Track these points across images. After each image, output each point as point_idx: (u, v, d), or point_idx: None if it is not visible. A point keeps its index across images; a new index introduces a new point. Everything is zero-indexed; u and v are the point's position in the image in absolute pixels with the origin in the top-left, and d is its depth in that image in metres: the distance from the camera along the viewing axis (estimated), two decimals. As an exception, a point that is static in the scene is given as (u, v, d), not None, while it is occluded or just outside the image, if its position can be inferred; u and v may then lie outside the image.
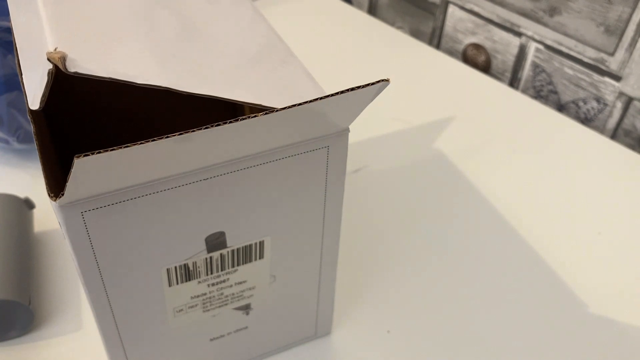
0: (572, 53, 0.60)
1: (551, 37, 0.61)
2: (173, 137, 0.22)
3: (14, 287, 0.37)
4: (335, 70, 0.66)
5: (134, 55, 0.25)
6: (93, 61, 0.23)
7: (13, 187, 0.50)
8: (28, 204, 0.43)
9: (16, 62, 0.32)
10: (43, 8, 0.26)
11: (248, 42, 0.30)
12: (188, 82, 0.24)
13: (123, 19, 0.28)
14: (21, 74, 0.25)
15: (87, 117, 0.42)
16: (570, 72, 0.61)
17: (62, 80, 0.39)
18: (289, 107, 0.24)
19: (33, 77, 0.23)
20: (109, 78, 0.22)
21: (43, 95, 0.22)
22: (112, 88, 0.40)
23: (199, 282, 0.30)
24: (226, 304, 0.32)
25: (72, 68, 0.22)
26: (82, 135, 0.42)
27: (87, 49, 0.24)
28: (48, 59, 0.22)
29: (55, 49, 0.22)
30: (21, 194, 0.49)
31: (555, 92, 0.64)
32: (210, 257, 0.30)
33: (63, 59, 0.21)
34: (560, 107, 0.64)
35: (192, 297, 0.31)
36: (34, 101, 0.22)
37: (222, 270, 0.30)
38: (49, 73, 0.22)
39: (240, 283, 0.32)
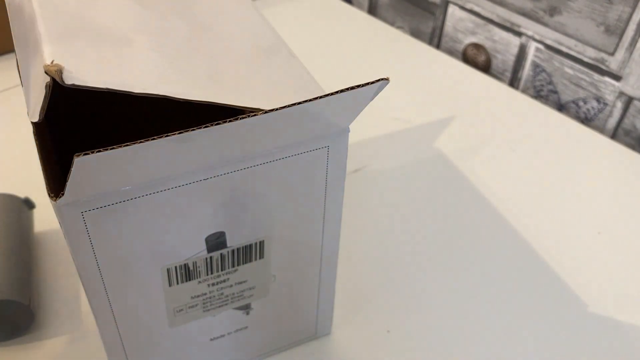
0: (572, 53, 0.60)
1: (551, 36, 0.61)
2: (173, 137, 0.22)
3: (14, 287, 0.37)
4: (335, 70, 0.66)
5: (133, 63, 0.25)
6: (90, 72, 0.23)
7: (13, 187, 0.50)
8: (28, 204, 0.43)
9: (17, 72, 0.32)
10: (41, 19, 0.26)
11: (249, 45, 0.30)
12: (186, 89, 0.24)
13: (123, 27, 0.28)
14: (22, 84, 0.25)
15: (87, 117, 0.42)
16: (570, 71, 0.61)
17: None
18: (288, 106, 0.24)
19: (32, 88, 0.23)
20: (106, 89, 0.22)
21: (42, 108, 0.22)
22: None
23: (199, 282, 0.30)
24: (226, 304, 0.32)
25: (68, 80, 0.22)
26: (82, 135, 0.42)
27: (84, 59, 0.24)
28: (45, 72, 0.22)
29: (52, 62, 0.22)
30: (21, 194, 0.49)
31: (555, 92, 0.64)
32: (210, 257, 0.30)
33: (59, 71, 0.22)
34: (560, 107, 0.64)
35: (192, 297, 0.31)
36: (34, 113, 0.22)
37: (222, 270, 0.30)
38: (46, 86, 0.22)
39: (240, 283, 0.32)
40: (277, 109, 0.24)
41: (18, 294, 0.37)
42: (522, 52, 0.65)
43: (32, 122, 0.24)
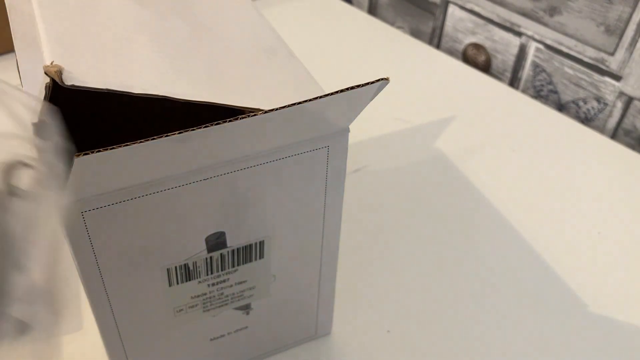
0: (572, 53, 0.60)
1: (551, 36, 0.61)
2: (173, 136, 0.22)
3: (14, 287, 0.37)
4: (335, 70, 0.66)
5: (133, 63, 0.25)
6: (89, 73, 0.23)
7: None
8: (28, 204, 0.43)
9: (17, 72, 0.32)
10: (41, 19, 0.26)
11: (249, 45, 0.30)
12: (186, 89, 0.24)
13: (123, 27, 0.28)
14: (22, 84, 0.25)
15: (87, 117, 0.42)
16: (570, 71, 0.61)
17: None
18: (288, 106, 0.24)
19: (32, 89, 0.23)
20: (106, 89, 0.22)
21: (41, 110, 0.22)
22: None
23: (199, 282, 0.30)
24: (226, 304, 0.32)
25: (68, 81, 0.22)
26: (82, 135, 0.42)
27: (84, 60, 0.24)
28: (45, 73, 0.22)
29: (51, 63, 0.22)
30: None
31: (556, 92, 0.64)
32: (211, 257, 0.30)
33: (59, 72, 0.22)
34: (561, 107, 0.64)
35: (192, 297, 0.31)
36: (34, 115, 0.22)
37: (222, 270, 0.30)
38: (46, 87, 0.22)
39: (240, 283, 0.32)
40: (277, 109, 0.24)
41: (18, 294, 0.37)
42: (522, 52, 0.65)
43: (32, 123, 0.24)
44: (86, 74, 0.23)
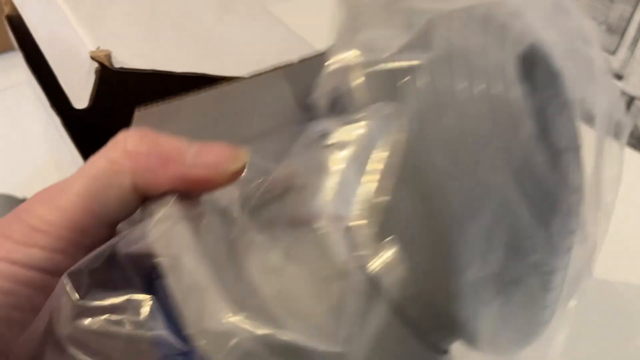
0: (572, 53, 0.61)
1: (551, 37, 0.62)
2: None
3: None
4: (335, 70, 0.66)
5: (163, 45, 0.25)
6: (133, 57, 0.23)
7: (11, 188, 0.49)
8: (29, 204, 0.43)
9: (29, 68, 0.32)
10: (70, 12, 0.26)
11: (266, 43, 0.30)
12: (217, 66, 0.25)
13: (144, 11, 0.28)
14: (53, 78, 0.25)
15: (130, 100, 0.42)
16: (570, 71, 0.61)
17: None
18: None
19: (72, 77, 0.23)
20: (152, 70, 0.23)
21: (91, 94, 0.22)
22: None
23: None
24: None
25: (117, 64, 0.22)
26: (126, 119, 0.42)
27: (123, 47, 0.24)
28: (92, 58, 0.22)
29: (97, 48, 0.22)
30: (19, 194, 0.48)
31: (556, 92, 0.64)
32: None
33: (108, 56, 0.22)
34: (561, 107, 0.64)
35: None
36: (79, 100, 0.23)
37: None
38: (95, 71, 0.22)
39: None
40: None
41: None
42: (521, 52, 0.65)
43: (58, 115, 0.24)
44: (130, 58, 0.23)
